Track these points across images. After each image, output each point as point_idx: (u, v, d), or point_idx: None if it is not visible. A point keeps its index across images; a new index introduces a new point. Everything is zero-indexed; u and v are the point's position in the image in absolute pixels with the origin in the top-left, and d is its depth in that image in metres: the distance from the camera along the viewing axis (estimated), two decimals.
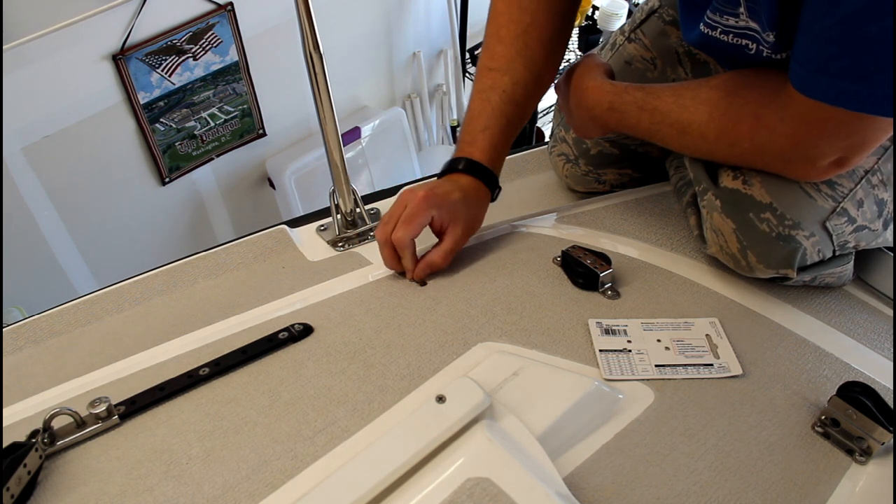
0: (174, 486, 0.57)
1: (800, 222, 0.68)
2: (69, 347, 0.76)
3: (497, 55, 0.82)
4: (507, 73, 0.82)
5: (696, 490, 0.57)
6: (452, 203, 0.79)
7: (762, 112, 0.65)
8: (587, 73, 0.81)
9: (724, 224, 0.72)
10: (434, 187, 0.79)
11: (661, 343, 0.70)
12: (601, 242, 0.85)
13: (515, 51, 0.82)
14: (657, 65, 0.89)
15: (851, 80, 0.56)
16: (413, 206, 0.77)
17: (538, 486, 0.51)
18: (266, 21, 1.78)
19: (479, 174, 0.82)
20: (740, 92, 0.67)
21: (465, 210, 0.80)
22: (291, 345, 0.72)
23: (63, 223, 1.68)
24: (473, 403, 0.57)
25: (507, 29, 0.82)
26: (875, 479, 0.58)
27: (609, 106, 0.77)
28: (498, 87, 0.82)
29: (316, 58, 0.80)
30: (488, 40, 0.84)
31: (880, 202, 0.70)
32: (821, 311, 0.76)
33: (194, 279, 0.85)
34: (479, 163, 0.81)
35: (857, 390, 0.59)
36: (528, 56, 0.82)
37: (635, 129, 0.76)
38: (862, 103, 0.57)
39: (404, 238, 0.77)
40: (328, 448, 0.60)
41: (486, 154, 0.82)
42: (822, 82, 0.58)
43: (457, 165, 0.82)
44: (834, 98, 0.58)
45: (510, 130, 0.83)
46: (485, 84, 0.83)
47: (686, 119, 0.71)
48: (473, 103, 0.83)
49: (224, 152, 1.90)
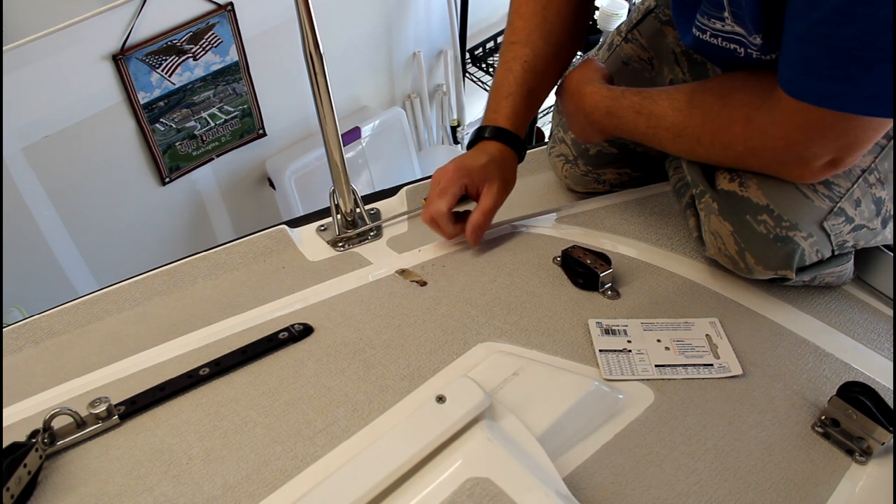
0: (174, 486, 0.57)
1: (797, 223, 0.68)
2: (69, 347, 0.76)
3: (517, 29, 0.86)
4: (528, 45, 0.85)
5: (696, 490, 0.57)
6: (482, 167, 0.82)
7: (754, 115, 0.65)
8: (585, 78, 0.82)
9: (722, 226, 0.72)
10: (462, 159, 0.84)
11: (661, 343, 0.70)
12: (601, 242, 0.85)
13: (534, 25, 0.85)
14: (654, 65, 0.89)
15: (835, 81, 0.57)
16: (446, 180, 0.82)
17: (538, 486, 0.51)
18: (266, 21, 1.77)
19: (505, 139, 0.85)
20: (733, 95, 0.68)
21: (497, 171, 0.83)
22: (291, 345, 0.72)
23: (63, 223, 1.67)
24: (473, 403, 0.57)
25: (527, 6, 0.86)
26: (875, 479, 0.58)
27: (607, 110, 0.78)
28: (519, 57, 0.85)
29: (316, 58, 0.80)
30: (510, 17, 0.88)
31: (878, 201, 0.70)
32: (821, 311, 0.76)
33: (194, 279, 0.85)
34: (504, 128, 0.84)
35: (857, 390, 0.59)
36: (547, 30, 0.86)
37: (632, 134, 0.77)
38: (846, 103, 0.57)
39: (441, 208, 0.81)
40: (328, 448, 0.60)
41: (510, 120, 0.85)
42: (806, 83, 0.59)
43: (483, 134, 0.85)
44: (819, 99, 0.59)
45: (532, 98, 0.86)
46: (507, 57, 0.86)
47: (681, 123, 0.71)
48: (497, 76, 0.87)
49: (224, 152, 1.90)
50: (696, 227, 0.78)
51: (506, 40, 0.88)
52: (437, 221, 0.83)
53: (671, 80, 0.88)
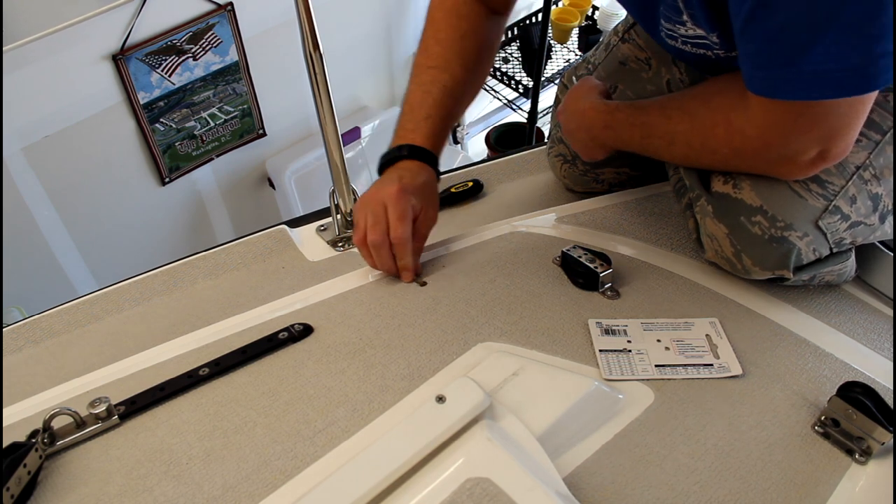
0: (174, 486, 0.57)
1: (792, 223, 0.68)
2: (69, 347, 0.76)
3: (435, 54, 0.87)
4: (447, 72, 0.86)
5: (696, 490, 0.57)
6: (421, 187, 0.80)
7: (732, 117, 0.66)
8: (583, 95, 0.84)
9: (718, 229, 0.73)
10: (400, 178, 0.79)
11: (661, 343, 0.70)
12: (601, 242, 0.85)
13: (453, 53, 0.86)
14: (651, 64, 0.89)
15: (780, 69, 0.58)
16: (395, 203, 0.77)
17: (538, 486, 0.51)
18: (266, 21, 1.77)
19: (427, 159, 0.83)
20: (713, 99, 0.69)
21: (432, 192, 0.83)
22: (291, 345, 0.72)
23: (63, 223, 1.67)
24: (473, 403, 0.57)
25: (446, 33, 0.87)
26: (875, 479, 0.58)
27: (604, 125, 0.79)
28: (438, 81, 0.85)
29: (316, 58, 0.80)
30: (426, 42, 0.88)
31: (874, 197, 0.70)
32: (821, 311, 0.76)
33: (194, 279, 0.85)
34: (425, 148, 0.83)
35: (858, 390, 0.59)
36: (466, 58, 0.86)
37: (630, 145, 0.78)
38: (795, 89, 0.58)
39: (404, 234, 0.76)
40: (328, 448, 0.60)
41: (429, 140, 0.84)
42: (759, 78, 0.60)
43: (401, 153, 0.83)
44: (772, 91, 0.60)
45: (449, 121, 0.86)
46: (424, 79, 0.86)
47: (672, 130, 0.72)
48: (412, 95, 0.86)
49: (224, 152, 1.89)
50: (695, 230, 0.78)
51: (421, 63, 0.87)
52: (399, 247, 0.77)
53: (668, 79, 0.89)
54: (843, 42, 0.53)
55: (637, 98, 0.89)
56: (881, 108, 0.69)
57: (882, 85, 0.57)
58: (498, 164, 1.09)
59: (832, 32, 0.53)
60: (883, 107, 0.69)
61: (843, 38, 0.53)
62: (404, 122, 0.85)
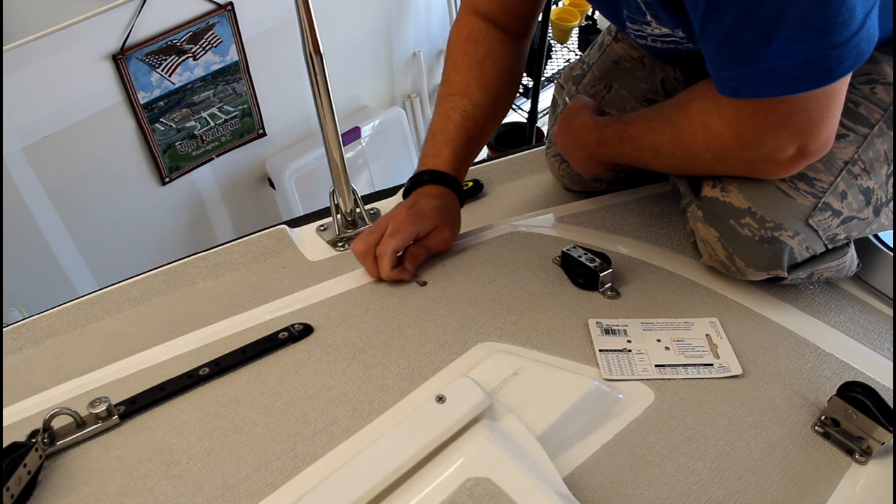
0: (174, 486, 0.57)
1: (781, 223, 0.68)
2: (69, 347, 0.76)
3: (454, 83, 0.88)
4: (466, 97, 0.86)
5: (696, 490, 0.57)
6: (434, 210, 0.81)
7: (708, 120, 0.67)
8: (576, 114, 0.84)
9: (709, 233, 0.73)
10: (412, 204, 0.81)
11: (661, 343, 0.70)
12: (601, 242, 0.85)
13: (471, 78, 0.87)
14: (645, 63, 0.90)
15: (740, 68, 0.58)
16: (398, 223, 0.79)
17: (538, 486, 0.51)
18: (266, 21, 1.77)
19: (448, 183, 0.84)
20: (690, 105, 0.69)
21: (449, 215, 0.83)
22: (291, 345, 0.72)
23: (63, 223, 1.67)
24: (473, 403, 0.57)
25: (462, 61, 0.88)
26: (875, 479, 0.58)
27: (597, 141, 0.80)
28: (458, 107, 0.86)
29: (316, 58, 0.80)
30: (446, 73, 0.90)
31: (866, 190, 0.69)
32: (821, 311, 0.76)
33: (194, 279, 0.85)
34: (446, 172, 0.84)
35: (858, 390, 0.59)
36: (484, 82, 0.87)
37: (623, 159, 0.79)
38: (757, 87, 0.58)
39: (387, 249, 0.77)
40: (328, 448, 0.60)
41: (451, 164, 0.84)
42: (724, 79, 0.61)
43: (423, 178, 0.84)
44: (736, 90, 0.60)
45: (472, 145, 0.87)
46: (445, 107, 0.87)
47: (657, 140, 0.73)
48: (435, 124, 0.87)
49: (224, 152, 1.90)
50: (692, 233, 0.79)
51: (442, 93, 0.89)
52: (379, 257, 0.78)
53: (662, 78, 0.89)
54: (793, 38, 0.54)
55: (632, 97, 0.90)
56: (868, 100, 0.68)
57: (839, 77, 0.57)
58: (498, 164, 1.09)
59: (782, 30, 0.54)
60: (870, 99, 0.69)
61: (793, 34, 0.54)
62: (426, 149, 0.87)
